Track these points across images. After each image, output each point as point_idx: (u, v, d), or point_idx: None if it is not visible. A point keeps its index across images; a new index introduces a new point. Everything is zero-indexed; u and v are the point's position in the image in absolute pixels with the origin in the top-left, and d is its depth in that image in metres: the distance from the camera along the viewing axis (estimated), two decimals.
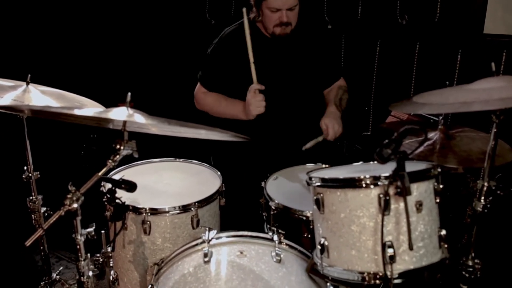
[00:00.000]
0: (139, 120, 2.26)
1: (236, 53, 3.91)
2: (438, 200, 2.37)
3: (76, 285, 2.74)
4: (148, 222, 3.08)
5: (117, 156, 2.34)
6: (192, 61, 4.02)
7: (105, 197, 2.77)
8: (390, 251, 2.16)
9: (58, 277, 3.76)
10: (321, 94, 4.23)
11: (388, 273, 2.17)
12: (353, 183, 2.29)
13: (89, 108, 2.73)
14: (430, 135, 3.21)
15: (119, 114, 2.28)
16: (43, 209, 3.51)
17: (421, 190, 2.29)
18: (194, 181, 3.60)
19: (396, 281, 2.20)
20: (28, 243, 2.26)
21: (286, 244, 2.78)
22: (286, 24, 3.86)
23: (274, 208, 3.20)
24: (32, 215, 3.52)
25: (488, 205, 2.63)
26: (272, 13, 3.84)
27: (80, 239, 2.42)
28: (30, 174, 3.46)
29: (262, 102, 3.69)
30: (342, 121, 3.94)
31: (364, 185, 2.26)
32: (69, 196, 2.28)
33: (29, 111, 2.68)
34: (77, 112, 2.31)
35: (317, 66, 4.12)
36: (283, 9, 3.81)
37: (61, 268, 4.47)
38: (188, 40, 5.92)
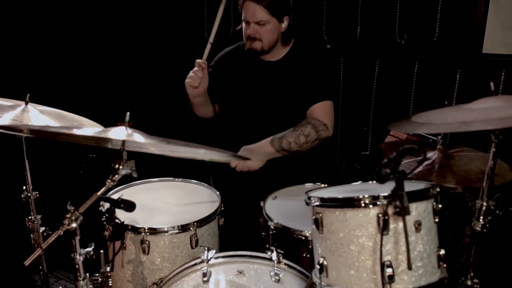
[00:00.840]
0: (138, 139, 2.27)
1: (232, 71, 3.96)
2: (437, 220, 2.37)
3: None
4: (147, 242, 3.08)
5: (116, 176, 2.35)
6: None
7: (104, 216, 2.78)
8: (389, 271, 2.16)
9: None
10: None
11: None
12: (352, 203, 2.29)
13: (88, 128, 2.74)
14: (429, 154, 3.22)
15: (118, 133, 2.30)
16: (42, 228, 3.51)
17: (420, 210, 2.29)
18: (193, 200, 3.60)
19: None
20: (27, 262, 2.27)
21: (285, 264, 2.79)
22: (252, 38, 3.91)
23: (273, 227, 3.20)
24: (31, 235, 3.52)
25: (487, 225, 2.64)
26: (245, 26, 3.93)
27: (79, 258, 2.43)
28: (29, 194, 3.46)
29: (196, 76, 3.81)
30: (265, 159, 3.89)
31: (363, 205, 2.26)
32: (68, 215, 2.29)
33: (28, 130, 2.69)
34: (76, 132, 2.33)
35: (307, 86, 4.10)
36: (251, 22, 3.87)
37: (60, 287, 4.48)
38: (187, 59, 5.93)
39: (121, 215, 2.71)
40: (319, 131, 3.92)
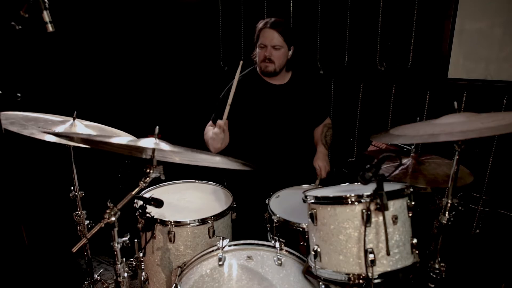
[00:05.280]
0: (165, 148, 2.28)
1: (241, 100, 3.91)
2: (410, 214, 2.38)
3: (113, 284, 2.75)
4: (173, 232, 3.09)
5: (147, 178, 2.36)
6: (209, 101, 4.04)
7: (138, 212, 2.79)
8: (371, 256, 2.17)
9: (99, 277, 3.76)
10: (312, 130, 4.26)
11: (370, 274, 2.18)
12: (340, 201, 2.30)
13: (123, 138, 2.74)
14: (404, 161, 3.22)
15: (149, 143, 2.31)
16: (87, 221, 3.53)
17: (396, 206, 2.30)
18: (210, 199, 3.61)
19: (376, 281, 2.21)
20: (74, 249, 2.29)
21: (286, 251, 2.79)
22: (269, 59, 3.90)
23: (276, 221, 3.21)
24: (78, 227, 3.53)
25: (452, 219, 2.64)
26: (261, 50, 3.91)
27: (117, 246, 2.45)
28: (76, 193, 3.48)
29: (219, 138, 3.65)
30: (328, 158, 4.09)
31: (350, 202, 2.27)
32: (108, 211, 2.32)
33: (78, 139, 2.69)
34: (114, 140, 2.34)
35: (310, 108, 4.14)
36: (268, 46, 3.86)
37: (102, 270, 4.49)
38: (205, 83, 5.95)
39: (152, 210, 2.72)
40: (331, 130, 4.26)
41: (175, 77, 6.19)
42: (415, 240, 2.37)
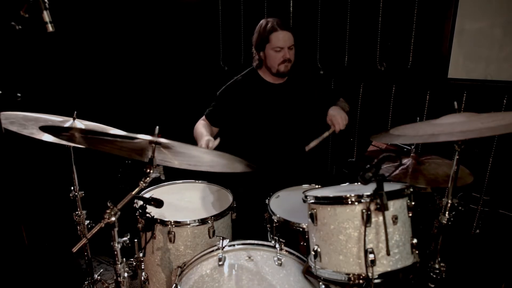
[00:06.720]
0: (165, 143, 2.28)
1: (239, 99, 3.91)
2: (410, 214, 2.38)
3: (114, 284, 2.75)
4: (173, 233, 3.09)
5: (148, 178, 2.37)
6: (209, 102, 4.04)
7: (138, 212, 2.79)
8: (371, 256, 2.17)
9: (99, 277, 3.77)
10: (311, 129, 4.20)
11: (370, 275, 2.18)
12: (341, 201, 2.30)
13: (123, 134, 2.74)
14: (404, 161, 3.21)
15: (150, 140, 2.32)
16: (87, 221, 3.53)
17: (396, 206, 2.30)
18: (210, 199, 3.61)
19: (376, 281, 2.21)
20: (74, 249, 2.29)
21: (286, 251, 2.78)
22: (289, 60, 3.89)
23: (276, 221, 3.20)
24: (78, 227, 3.54)
25: (452, 219, 2.64)
26: (277, 53, 3.86)
27: (117, 246, 2.45)
28: (76, 193, 3.48)
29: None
30: (347, 115, 3.88)
31: (350, 202, 2.27)
32: (108, 211, 2.32)
33: (79, 137, 2.68)
34: (112, 131, 2.34)
35: (310, 106, 4.12)
36: (285, 47, 3.85)
37: (102, 270, 4.49)
38: (205, 83, 5.93)
39: (152, 210, 2.72)
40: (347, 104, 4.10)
41: (176, 77, 6.18)
42: (415, 240, 2.37)
